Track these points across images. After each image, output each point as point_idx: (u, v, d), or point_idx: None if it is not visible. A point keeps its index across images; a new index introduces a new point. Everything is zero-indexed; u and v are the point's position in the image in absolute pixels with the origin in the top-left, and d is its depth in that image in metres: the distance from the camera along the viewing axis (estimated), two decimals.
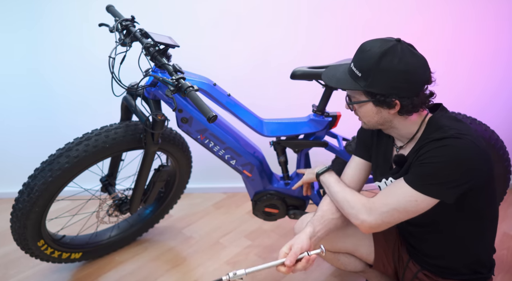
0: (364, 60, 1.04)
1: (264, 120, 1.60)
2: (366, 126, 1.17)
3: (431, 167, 0.99)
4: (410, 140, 1.12)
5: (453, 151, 0.98)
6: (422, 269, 1.26)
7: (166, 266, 1.82)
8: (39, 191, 1.41)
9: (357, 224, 1.11)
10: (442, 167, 0.98)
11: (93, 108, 2.22)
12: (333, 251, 1.37)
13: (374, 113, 1.09)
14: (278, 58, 2.13)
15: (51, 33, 2.07)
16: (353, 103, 1.11)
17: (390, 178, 1.17)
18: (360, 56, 1.05)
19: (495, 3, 1.97)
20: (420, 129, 1.10)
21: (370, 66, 1.02)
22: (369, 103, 1.08)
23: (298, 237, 1.15)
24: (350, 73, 1.08)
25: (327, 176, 1.29)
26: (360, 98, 1.09)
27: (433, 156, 1.00)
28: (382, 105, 1.06)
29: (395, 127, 1.12)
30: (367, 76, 1.03)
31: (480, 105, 2.18)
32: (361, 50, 1.06)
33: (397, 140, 1.20)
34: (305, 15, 2.05)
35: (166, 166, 1.72)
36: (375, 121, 1.12)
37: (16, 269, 1.79)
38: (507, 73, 2.13)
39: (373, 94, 1.05)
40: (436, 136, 1.02)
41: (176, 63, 1.27)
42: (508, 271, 1.70)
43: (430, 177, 1.00)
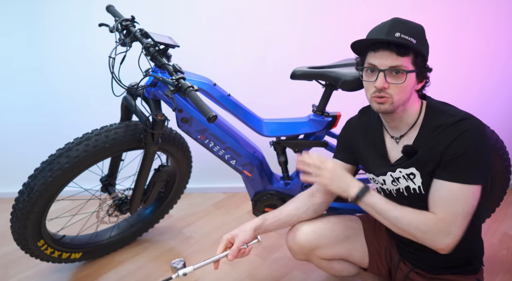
0: (414, 28, 1.03)
1: (264, 120, 1.60)
2: (390, 107, 1.06)
3: (467, 155, 1.01)
4: (411, 127, 1.12)
5: (476, 133, 1.02)
6: (414, 268, 1.26)
7: (166, 266, 1.82)
8: (39, 191, 1.41)
9: (438, 248, 1.06)
10: (476, 151, 1.01)
11: (94, 107, 2.22)
12: (327, 258, 1.35)
13: (412, 86, 1.06)
14: (278, 58, 2.13)
15: (52, 32, 2.08)
16: (410, 72, 1.03)
17: (398, 169, 1.15)
18: (406, 26, 1.02)
19: (494, 3, 1.97)
20: (420, 115, 1.11)
21: (423, 33, 1.05)
22: (413, 74, 1.05)
23: (243, 229, 1.20)
24: (403, 41, 1.00)
25: (369, 197, 1.14)
26: (409, 68, 1.03)
27: (463, 144, 1.01)
28: (420, 77, 1.08)
29: (406, 110, 1.10)
30: (422, 43, 1.04)
31: (479, 105, 2.18)
32: (402, 21, 1.04)
33: (394, 130, 1.16)
34: (306, 15, 2.05)
35: (166, 166, 1.72)
36: (406, 98, 1.06)
37: (16, 269, 1.79)
38: (506, 73, 2.13)
39: (420, 64, 1.05)
40: (449, 121, 1.04)
41: (176, 63, 1.27)
42: (508, 271, 1.70)
43: (473, 164, 1.01)
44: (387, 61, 1.02)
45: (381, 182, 1.21)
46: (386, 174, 1.18)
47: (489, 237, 1.93)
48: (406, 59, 1.02)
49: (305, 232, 1.30)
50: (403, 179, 1.15)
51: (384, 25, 1.05)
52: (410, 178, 1.13)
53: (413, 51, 1.02)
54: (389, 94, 1.05)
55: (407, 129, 1.13)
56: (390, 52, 1.01)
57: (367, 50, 1.08)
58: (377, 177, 1.22)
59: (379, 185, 1.24)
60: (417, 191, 1.13)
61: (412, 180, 1.13)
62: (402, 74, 1.02)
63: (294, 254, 1.36)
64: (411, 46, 1.00)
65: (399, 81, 1.03)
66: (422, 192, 1.12)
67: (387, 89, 1.04)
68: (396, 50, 1.01)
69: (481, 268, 1.23)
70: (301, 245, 1.31)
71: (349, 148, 1.31)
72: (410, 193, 1.15)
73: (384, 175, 1.20)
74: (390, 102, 1.06)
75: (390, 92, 1.04)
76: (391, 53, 1.01)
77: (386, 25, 1.03)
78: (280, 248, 1.90)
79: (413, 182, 1.13)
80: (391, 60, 1.02)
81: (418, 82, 1.08)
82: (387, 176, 1.18)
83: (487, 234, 1.94)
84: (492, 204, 1.68)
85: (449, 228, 1.04)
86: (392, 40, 1.00)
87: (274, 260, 1.82)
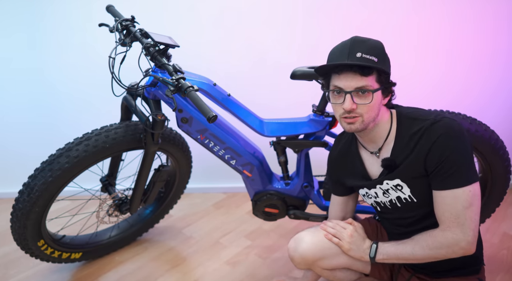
0: (374, 46, 1.04)
1: (264, 120, 1.60)
2: (361, 126, 1.09)
3: (450, 159, 1.02)
4: (386, 139, 1.14)
5: (451, 134, 1.03)
6: (415, 273, 1.26)
7: (166, 266, 1.82)
8: (39, 191, 1.41)
9: (463, 254, 1.08)
10: (458, 153, 1.02)
11: (94, 108, 2.22)
12: (330, 269, 1.33)
13: (379, 103, 1.08)
14: (278, 58, 2.13)
15: (53, 32, 2.08)
16: (376, 90, 1.05)
17: (385, 181, 1.15)
18: (366, 45, 1.03)
19: (493, 4, 1.97)
20: (392, 126, 1.13)
21: (383, 50, 1.05)
22: (379, 91, 1.07)
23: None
24: (364, 62, 1.01)
25: (382, 251, 1.18)
26: (374, 87, 1.05)
27: (442, 150, 1.02)
28: (385, 92, 1.09)
29: (377, 125, 1.12)
30: (383, 60, 1.05)
31: (479, 105, 2.18)
32: (361, 40, 1.05)
33: (370, 144, 1.18)
34: (306, 15, 2.05)
35: (166, 166, 1.72)
36: (375, 115, 1.08)
37: (16, 269, 1.79)
38: (506, 73, 2.12)
39: (383, 80, 1.06)
40: (421, 126, 1.06)
41: (176, 63, 1.27)
42: (508, 271, 1.70)
43: (460, 166, 1.02)
44: (352, 82, 1.03)
45: (374, 195, 1.23)
46: (376, 187, 1.19)
47: (489, 237, 1.93)
48: (370, 78, 1.04)
49: (308, 243, 1.26)
50: (392, 190, 1.16)
51: (344, 46, 1.06)
52: (398, 189, 1.14)
53: (376, 69, 1.04)
54: (359, 113, 1.07)
55: (383, 142, 1.14)
56: (354, 74, 1.03)
57: (330, 72, 1.09)
58: (369, 191, 1.23)
59: (373, 200, 1.24)
60: (408, 200, 1.14)
61: (401, 191, 1.14)
62: (368, 93, 1.04)
63: (296, 264, 1.33)
64: (373, 66, 1.01)
65: (366, 101, 1.05)
66: (414, 200, 1.13)
67: (356, 109, 1.06)
68: (359, 71, 1.02)
69: (482, 268, 1.23)
70: (304, 256, 1.27)
71: (338, 181, 1.33)
72: (403, 203, 1.16)
73: (374, 187, 1.21)
74: (360, 121, 1.08)
75: (359, 111, 1.06)
76: (355, 74, 1.03)
77: (346, 46, 1.05)
78: (280, 248, 1.90)
79: (402, 192, 1.14)
80: (356, 81, 1.03)
81: (384, 97, 1.10)
82: (377, 189, 1.20)
83: (487, 234, 1.94)
84: (492, 204, 1.68)
85: (457, 234, 1.05)
86: (355, 64, 1.01)
87: (274, 260, 1.82)
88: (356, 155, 1.24)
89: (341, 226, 1.26)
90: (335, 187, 1.37)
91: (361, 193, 1.29)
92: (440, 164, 1.03)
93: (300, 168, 1.68)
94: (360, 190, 1.28)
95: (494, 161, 1.54)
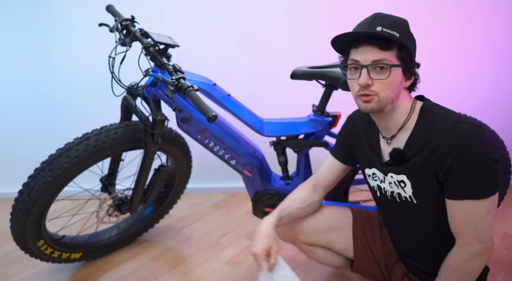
0: (396, 22, 0.98)
1: (264, 120, 1.60)
2: (377, 105, 1.01)
3: (472, 170, 0.95)
4: (401, 128, 1.07)
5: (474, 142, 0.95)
6: (407, 272, 1.26)
7: (166, 266, 1.82)
8: (39, 191, 1.41)
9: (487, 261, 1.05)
10: (480, 164, 0.95)
11: (94, 107, 2.22)
12: (309, 244, 1.37)
13: (398, 83, 1.00)
14: (278, 58, 2.13)
15: (52, 32, 2.07)
16: (394, 66, 0.97)
17: (390, 174, 1.11)
18: (388, 20, 0.97)
19: (494, 4, 1.97)
20: (412, 116, 1.05)
21: (407, 27, 0.99)
22: (399, 70, 0.99)
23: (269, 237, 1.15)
24: (384, 34, 0.95)
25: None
26: (393, 62, 0.98)
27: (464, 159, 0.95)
28: (407, 72, 1.01)
29: (395, 109, 1.04)
30: (407, 37, 0.99)
31: (480, 106, 2.18)
32: (384, 16, 0.99)
33: (384, 130, 1.11)
34: (306, 15, 2.05)
35: (166, 166, 1.72)
36: (393, 95, 1.00)
37: (16, 269, 1.79)
38: (507, 74, 2.12)
39: (405, 58, 0.99)
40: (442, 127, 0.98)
41: (176, 63, 1.27)
42: (508, 271, 1.70)
43: (481, 178, 0.96)
44: (369, 56, 0.97)
45: (381, 179, 1.17)
46: (387, 174, 1.14)
47: None
48: (390, 53, 0.97)
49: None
50: (395, 185, 1.12)
51: (365, 21, 1.01)
52: (401, 186, 1.10)
53: (396, 44, 0.97)
54: (374, 91, 0.99)
55: (397, 130, 1.07)
56: (372, 47, 0.96)
57: (349, 47, 1.03)
58: (379, 172, 1.16)
59: (377, 183, 1.19)
60: (408, 200, 1.10)
61: (403, 189, 1.09)
62: (386, 69, 0.97)
63: (278, 235, 1.41)
64: (394, 39, 0.95)
65: (383, 76, 0.97)
66: (414, 202, 1.09)
67: (372, 87, 0.99)
68: (378, 44, 0.96)
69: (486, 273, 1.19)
70: (283, 228, 1.37)
71: (347, 145, 1.28)
72: (402, 201, 1.12)
73: (370, 168, 1.18)
74: (376, 100, 1.00)
75: (375, 89, 0.99)
76: (373, 48, 0.96)
77: (367, 21, 0.99)
78: (280, 248, 1.89)
79: (404, 191, 1.10)
80: (374, 55, 0.97)
81: (406, 79, 1.03)
82: (388, 177, 1.14)
83: None
84: None
85: (476, 246, 1.01)
86: (372, 33, 0.95)
87: None
88: (377, 131, 1.16)
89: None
90: (339, 149, 1.31)
91: (366, 173, 1.24)
92: (455, 171, 0.96)
93: (300, 168, 1.68)
94: (367, 170, 1.22)
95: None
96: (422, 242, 1.17)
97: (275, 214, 1.23)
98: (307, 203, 1.31)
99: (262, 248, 1.11)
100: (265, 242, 1.13)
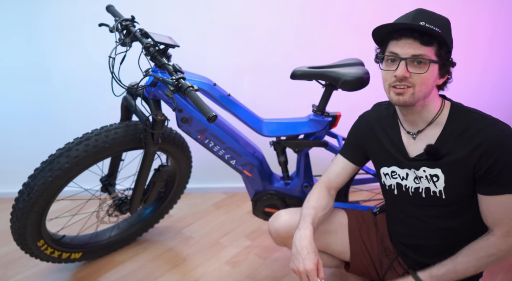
0: (439, 19, 0.99)
1: (264, 120, 1.60)
2: (410, 99, 1.02)
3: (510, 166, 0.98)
4: (430, 124, 1.08)
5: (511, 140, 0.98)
6: (409, 268, 1.25)
7: (166, 266, 1.82)
8: (39, 191, 1.41)
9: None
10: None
11: (94, 107, 2.22)
12: None
13: (434, 79, 1.01)
14: (278, 58, 2.13)
15: (52, 32, 2.07)
16: (433, 62, 0.98)
17: (422, 168, 1.10)
18: (431, 17, 0.98)
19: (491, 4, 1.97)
20: (442, 113, 1.07)
21: (447, 25, 1.00)
22: (436, 66, 1.00)
23: (314, 250, 1.11)
24: (427, 29, 0.96)
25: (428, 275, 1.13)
26: (432, 58, 0.99)
27: (503, 155, 0.97)
28: (442, 70, 1.02)
29: (426, 105, 1.06)
30: (448, 34, 1.00)
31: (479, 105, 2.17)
32: (427, 12, 1.00)
33: (410, 125, 1.12)
34: (306, 15, 2.05)
35: (166, 166, 1.72)
36: (427, 91, 1.01)
37: (16, 269, 1.79)
38: (506, 73, 2.12)
39: (443, 56, 1.00)
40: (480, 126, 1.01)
41: (176, 63, 1.27)
42: (508, 271, 1.70)
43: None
44: (409, 49, 0.98)
45: (403, 176, 1.16)
46: (410, 169, 1.14)
47: None
48: (430, 49, 0.98)
49: (284, 220, 1.35)
50: (425, 179, 1.11)
51: (408, 14, 1.01)
52: (433, 180, 1.09)
53: (437, 41, 0.98)
54: (411, 83, 1.00)
55: (425, 125, 1.09)
56: (414, 40, 0.97)
57: (388, 38, 1.03)
58: (401, 170, 1.16)
59: (397, 180, 1.19)
60: (437, 194, 1.10)
61: (435, 183, 1.09)
62: (424, 63, 0.98)
63: (272, 239, 1.42)
64: (436, 35, 0.96)
65: (421, 71, 0.98)
66: (443, 197, 1.09)
67: (409, 79, 0.99)
68: (419, 38, 0.96)
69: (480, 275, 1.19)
70: (278, 232, 1.36)
71: (359, 145, 1.28)
72: (429, 196, 1.12)
73: (408, 168, 1.14)
74: (411, 93, 1.01)
75: (412, 81, 1.00)
76: (415, 41, 0.97)
77: (410, 14, 0.99)
78: (280, 248, 1.90)
79: (435, 185, 1.09)
80: (414, 49, 0.97)
81: (440, 77, 1.03)
82: (411, 172, 1.14)
83: None
84: None
85: (507, 246, 1.03)
86: (417, 26, 0.95)
87: (274, 260, 1.82)
88: (397, 127, 1.16)
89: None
90: (351, 151, 1.31)
91: (383, 172, 1.22)
92: (497, 169, 0.98)
93: (300, 168, 1.68)
94: (384, 168, 1.21)
95: None
96: (438, 237, 1.16)
97: (308, 225, 1.17)
98: (328, 208, 1.29)
99: (314, 264, 1.09)
100: (314, 257, 1.10)
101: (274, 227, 1.37)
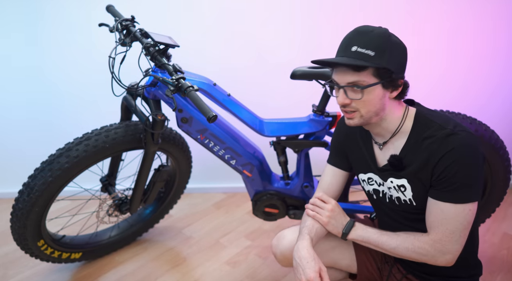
0: (373, 39, 0.98)
1: (264, 120, 1.60)
2: (360, 120, 1.05)
3: (459, 175, 0.99)
4: (394, 134, 1.09)
5: (467, 150, 0.99)
6: (407, 274, 1.25)
7: (166, 266, 1.82)
8: (39, 191, 1.41)
9: (440, 265, 1.08)
10: (468, 170, 0.99)
11: (94, 107, 2.22)
12: None
13: (379, 98, 1.01)
14: (278, 58, 2.13)
15: (52, 32, 2.07)
16: (367, 87, 0.99)
17: (390, 179, 1.13)
18: (365, 38, 0.98)
19: (493, 2, 1.97)
20: (406, 122, 1.07)
21: (384, 43, 0.98)
22: (378, 86, 1.00)
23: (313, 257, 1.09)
24: (359, 57, 0.97)
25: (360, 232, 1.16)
26: (369, 82, 0.99)
27: (453, 163, 0.98)
28: (389, 86, 1.02)
29: (384, 119, 1.07)
30: (382, 54, 0.98)
31: (479, 105, 2.18)
32: (362, 33, 1.00)
33: (377, 136, 1.14)
34: (306, 15, 2.05)
35: (166, 166, 1.72)
36: (375, 110, 1.03)
37: (16, 269, 1.79)
38: (506, 72, 2.13)
39: (383, 75, 1.00)
40: (438, 134, 1.01)
41: (176, 63, 1.27)
42: (508, 271, 1.70)
43: (466, 184, 0.99)
44: (345, 77, 1.00)
45: (380, 183, 1.18)
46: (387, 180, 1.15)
47: (489, 237, 1.93)
48: (365, 73, 0.98)
49: (289, 241, 1.27)
50: (394, 190, 1.13)
51: (345, 39, 1.02)
52: (401, 190, 1.11)
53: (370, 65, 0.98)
54: (355, 108, 1.03)
55: (390, 136, 1.10)
56: (346, 68, 0.99)
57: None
58: (375, 176, 1.18)
59: (374, 187, 1.21)
60: (408, 202, 1.12)
61: (403, 193, 1.11)
62: (362, 89, 1.00)
63: (278, 261, 1.33)
64: (365, 64, 0.96)
65: (358, 97, 1.01)
66: (414, 204, 1.11)
67: (351, 104, 1.03)
68: (352, 66, 0.98)
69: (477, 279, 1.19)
70: (284, 254, 1.28)
71: (342, 150, 1.28)
72: (401, 203, 1.14)
73: (365, 174, 1.19)
74: (359, 116, 1.04)
75: (355, 106, 1.03)
76: (347, 69, 0.99)
77: (346, 39, 1.01)
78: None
79: (404, 194, 1.11)
80: (348, 77, 1.00)
81: (392, 90, 1.03)
82: (387, 182, 1.16)
83: (487, 234, 1.94)
84: (492, 204, 1.68)
85: (446, 247, 1.04)
86: (342, 62, 0.98)
87: (274, 260, 1.82)
88: (369, 136, 1.18)
89: (323, 199, 1.21)
90: (336, 157, 1.30)
91: (361, 178, 1.24)
92: (448, 177, 1.00)
93: (300, 168, 1.68)
94: (361, 175, 1.23)
95: (494, 161, 1.54)
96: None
97: (305, 236, 1.15)
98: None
99: (315, 272, 1.07)
100: (315, 265, 1.08)
101: (279, 249, 1.29)
